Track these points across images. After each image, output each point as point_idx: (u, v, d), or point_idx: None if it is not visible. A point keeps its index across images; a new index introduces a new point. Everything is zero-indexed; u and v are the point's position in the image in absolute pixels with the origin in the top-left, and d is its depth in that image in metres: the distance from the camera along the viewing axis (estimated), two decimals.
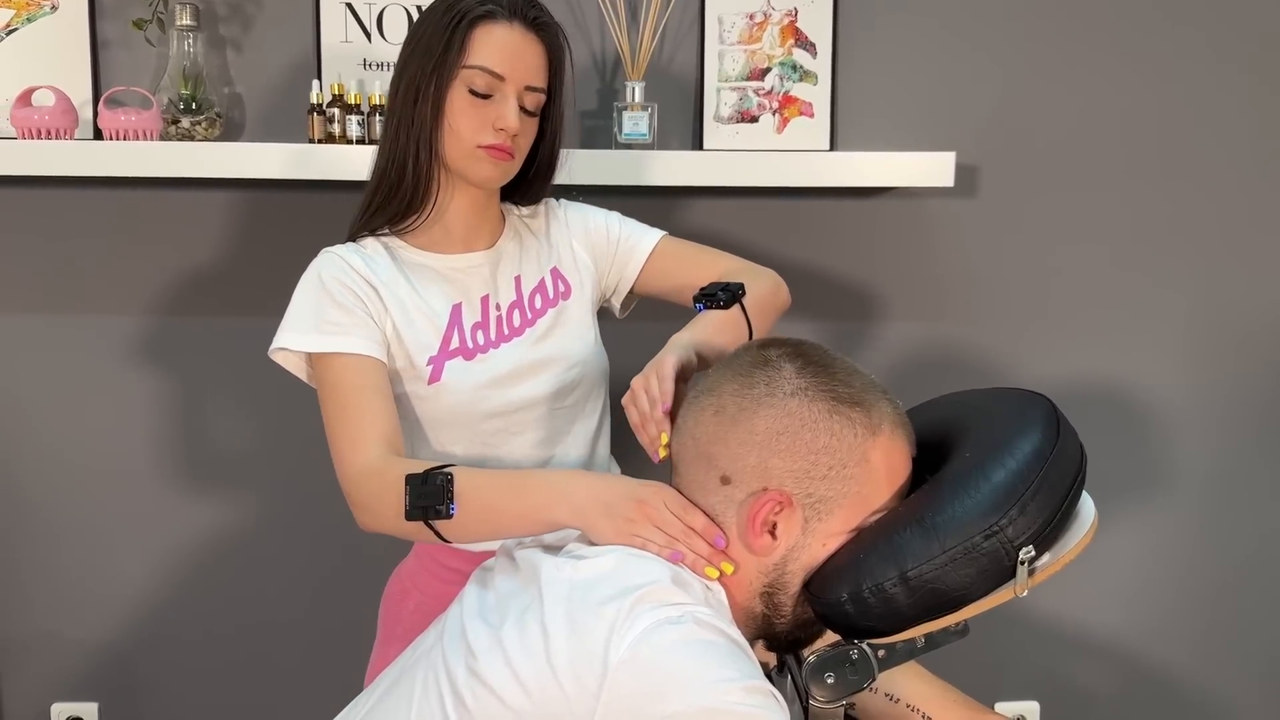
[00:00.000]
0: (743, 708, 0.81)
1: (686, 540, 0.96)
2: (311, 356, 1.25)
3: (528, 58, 1.25)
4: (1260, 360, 2.00)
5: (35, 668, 1.93)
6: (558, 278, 1.35)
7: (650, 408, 1.06)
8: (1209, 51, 1.91)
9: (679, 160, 1.73)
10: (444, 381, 1.25)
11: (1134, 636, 2.06)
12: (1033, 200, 1.92)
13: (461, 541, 1.18)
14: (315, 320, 1.23)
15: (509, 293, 1.32)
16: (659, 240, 1.40)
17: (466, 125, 1.24)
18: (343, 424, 1.20)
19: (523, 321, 1.31)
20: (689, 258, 1.39)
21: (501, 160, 1.26)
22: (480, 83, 1.23)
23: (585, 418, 1.34)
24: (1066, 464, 0.94)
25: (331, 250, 1.29)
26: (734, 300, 1.21)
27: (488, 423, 1.27)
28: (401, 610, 1.36)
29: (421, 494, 1.10)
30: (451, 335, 1.27)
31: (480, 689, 0.87)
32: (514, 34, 1.24)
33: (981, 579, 0.90)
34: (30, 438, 1.86)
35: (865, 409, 0.96)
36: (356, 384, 1.21)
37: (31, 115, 1.66)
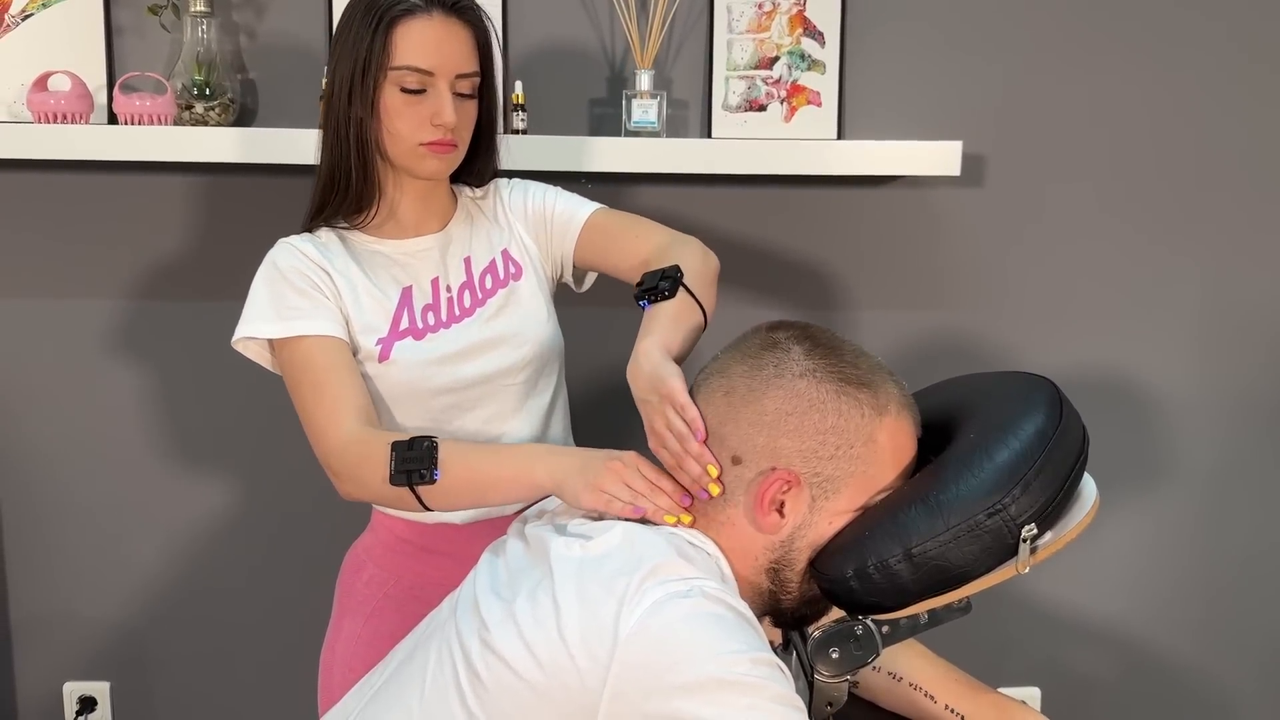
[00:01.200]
0: (749, 678, 0.83)
1: (651, 495, 1.00)
2: (275, 343, 1.27)
3: (454, 46, 1.25)
4: (1265, 352, 2.01)
5: (47, 648, 1.95)
6: (508, 259, 1.37)
7: (683, 443, 1.00)
8: (1218, 41, 1.91)
9: (687, 148, 1.74)
10: (393, 359, 1.27)
11: (1135, 624, 2.07)
12: (1039, 190, 1.93)
13: (443, 508, 1.22)
14: (277, 308, 1.26)
15: (459, 274, 1.34)
16: (590, 214, 1.38)
17: (404, 125, 1.25)
18: (318, 402, 1.23)
19: (473, 301, 1.33)
20: (618, 231, 1.36)
21: (445, 153, 1.28)
22: (411, 80, 1.23)
23: (537, 395, 1.36)
24: (1069, 445, 0.95)
25: (286, 240, 1.32)
26: (677, 287, 1.19)
27: (437, 399, 1.29)
28: (356, 583, 1.39)
29: (406, 459, 1.14)
30: (401, 317, 1.30)
31: (493, 660, 0.89)
32: (435, 24, 1.23)
33: (984, 556, 0.92)
34: (41, 420, 1.88)
35: (872, 390, 0.98)
36: (326, 363, 1.24)
37: (47, 100, 1.67)
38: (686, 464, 1.00)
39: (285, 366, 1.27)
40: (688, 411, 1.00)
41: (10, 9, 1.76)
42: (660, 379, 1.04)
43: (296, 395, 1.26)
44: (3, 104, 1.76)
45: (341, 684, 1.31)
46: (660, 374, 1.05)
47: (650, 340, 1.11)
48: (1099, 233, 1.95)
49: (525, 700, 0.87)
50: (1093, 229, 1.95)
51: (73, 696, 1.95)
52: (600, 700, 0.84)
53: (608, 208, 1.40)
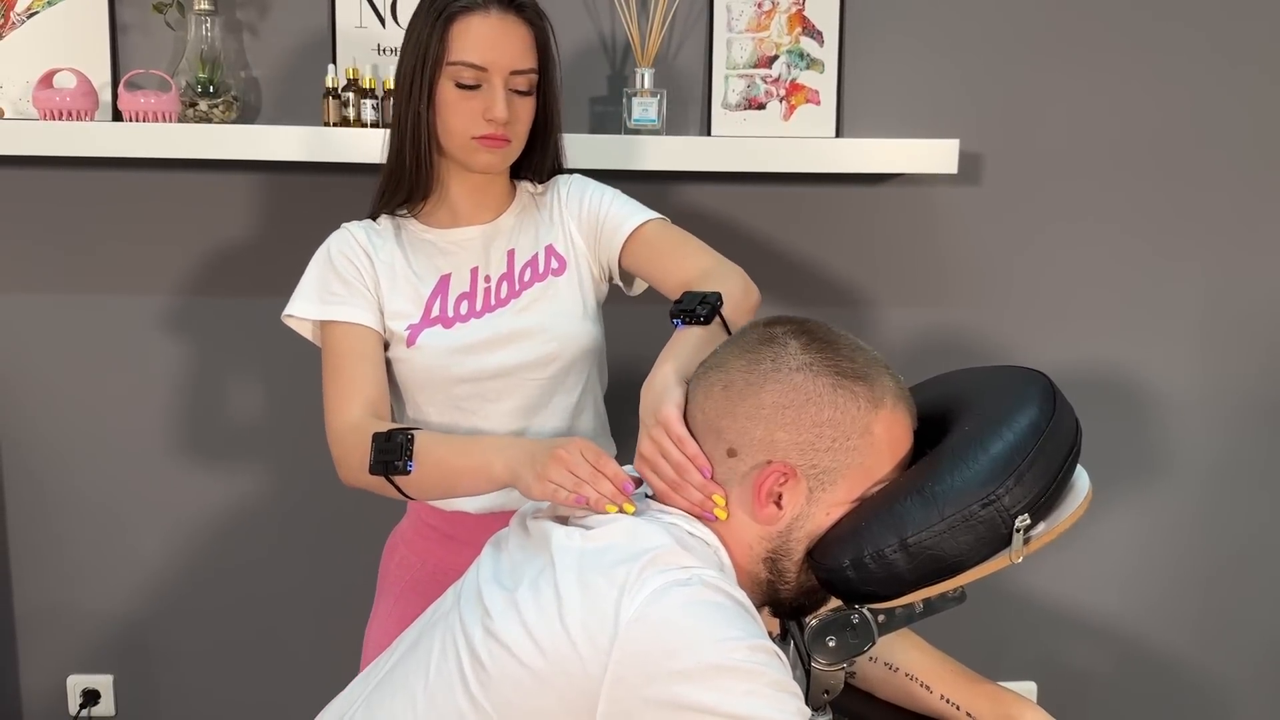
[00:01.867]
0: (748, 664, 0.85)
1: (593, 482, 1.01)
2: (316, 323, 1.34)
3: (510, 43, 1.27)
4: (1262, 349, 2.02)
5: (51, 640, 1.96)
6: (552, 254, 1.38)
7: (682, 474, 1.00)
8: (1214, 41, 1.92)
9: (687, 146, 1.76)
10: (419, 345, 1.32)
11: (1132, 619, 2.09)
12: (1036, 188, 1.94)
13: (420, 497, 1.27)
14: (320, 290, 1.33)
15: (500, 265, 1.36)
16: (642, 223, 1.37)
17: (457, 119, 1.28)
18: (334, 386, 1.30)
19: (509, 293, 1.35)
20: (665, 249, 1.36)
21: (498, 148, 1.30)
22: (466, 76, 1.27)
23: (565, 392, 1.37)
24: (1062, 437, 0.97)
25: (345, 226, 1.38)
26: (714, 314, 1.19)
27: (459, 387, 1.32)
28: (390, 565, 1.44)
29: (384, 450, 1.20)
30: (433, 304, 1.33)
31: (496, 648, 0.90)
32: (491, 22, 1.26)
33: (978, 546, 0.93)
34: (47, 414, 1.90)
35: (868, 383, 0.99)
36: (349, 350, 1.30)
37: (53, 97, 1.69)
38: (687, 493, 0.99)
39: (322, 346, 1.34)
40: (687, 446, 1.00)
41: (16, 7, 1.77)
42: (660, 405, 1.04)
43: (323, 376, 1.32)
44: (8, 101, 1.77)
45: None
46: (662, 399, 1.04)
47: (669, 366, 1.10)
48: (1096, 230, 1.96)
49: (527, 687, 0.88)
50: (1089, 226, 1.96)
51: (76, 689, 1.96)
52: (601, 686, 0.86)
53: (665, 220, 1.39)
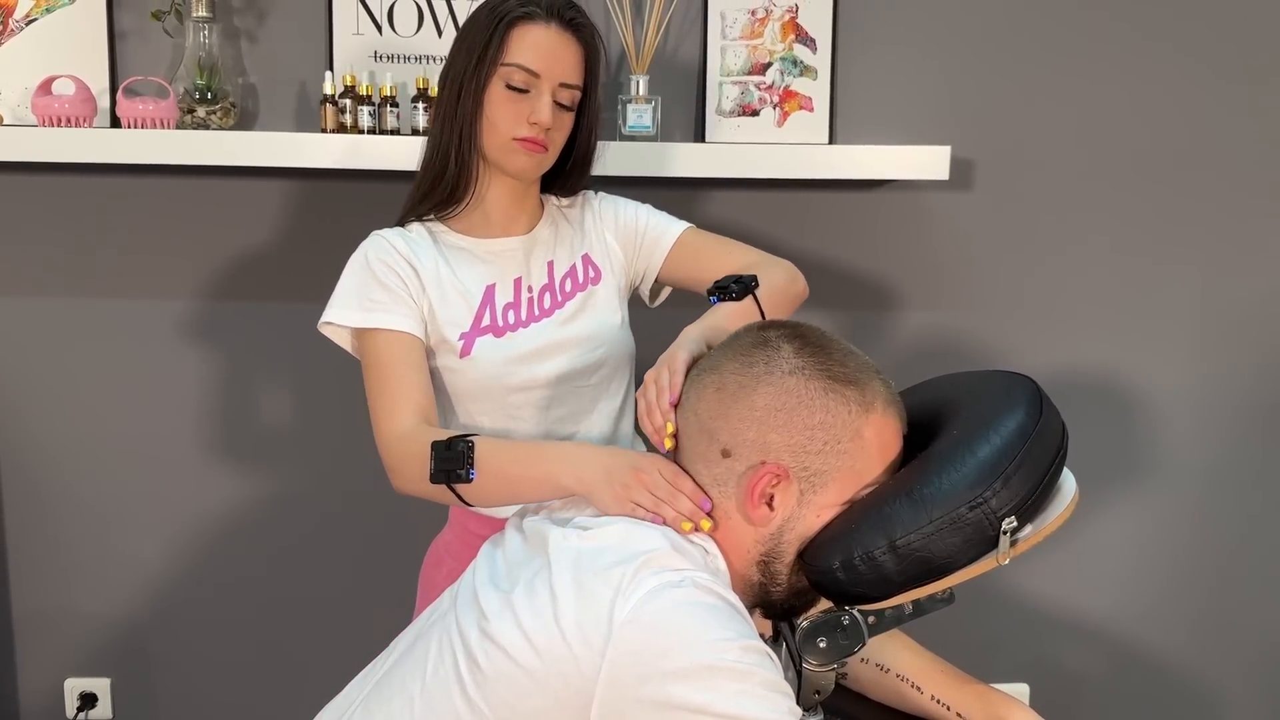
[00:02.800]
0: (740, 665, 0.86)
1: (671, 501, 1.02)
2: (356, 331, 1.33)
3: (563, 56, 1.31)
4: (1254, 352, 2.03)
5: (49, 644, 1.96)
6: (588, 264, 1.42)
7: (658, 397, 1.08)
8: (1204, 46, 1.94)
9: (682, 152, 1.77)
10: (474, 356, 1.32)
11: (1124, 621, 2.10)
12: (1027, 192, 1.96)
13: (480, 504, 1.25)
14: (360, 298, 1.32)
15: (541, 275, 1.39)
16: (683, 231, 1.45)
17: (503, 118, 1.31)
18: (381, 394, 1.29)
19: (553, 303, 1.38)
20: (710, 250, 1.44)
21: (535, 152, 1.33)
22: (517, 79, 1.30)
23: (609, 397, 1.41)
24: (1049, 440, 0.98)
25: (379, 233, 1.37)
26: (746, 292, 1.25)
27: (513, 396, 1.34)
28: (436, 577, 1.43)
29: (445, 459, 1.19)
30: (483, 313, 1.34)
31: (492, 649, 0.91)
32: (550, 33, 1.30)
33: (966, 548, 0.95)
34: (45, 418, 1.90)
35: (859, 387, 1.00)
36: (395, 358, 1.30)
37: (52, 103, 1.70)
38: (653, 415, 1.08)
39: (361, 354, 1.33)
40: (674, 376, 1.07)
41: (15, 14, 1.78)
42: (674, 348, 1.12)
43: (366, 385, 1.31)
44: (8, 107, 1.78)
45: None
46: (675, 347, 1.12)
47: (695, 327, 1.18)
48: (1086, 234, 1.98)
49: (523, 687, 0.89)
50: (1080, 231, 1.98)
51: (74, 693, 1.96)
52: (596, 686, 0.87)
53: (697, 227, 1.46)
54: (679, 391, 1.07)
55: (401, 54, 1.82)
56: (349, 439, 1.82)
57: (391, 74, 1.79)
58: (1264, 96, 1.96)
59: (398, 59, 1.83)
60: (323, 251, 1.64)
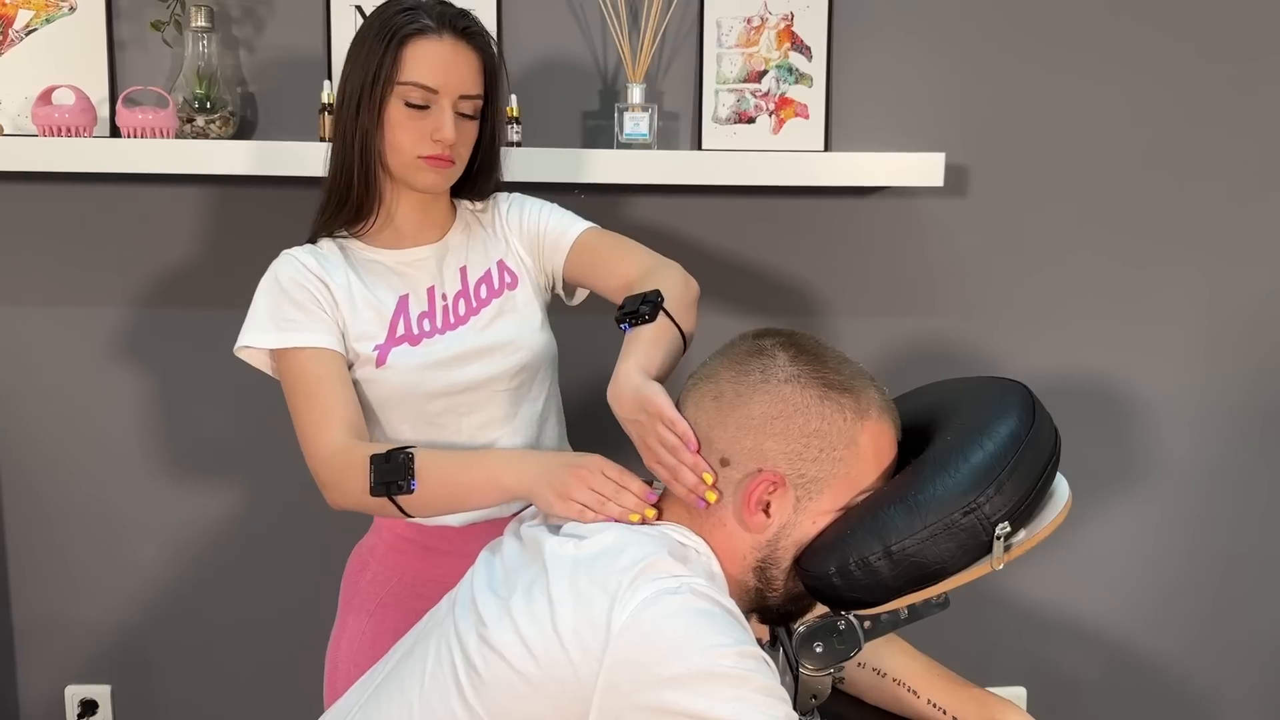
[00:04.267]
0: (736, 670, 0.87)
1: (617, 498, 1.03)
2: (274, 352, 1.32)
3: (460, 68, 1.29)
4: (1248, 356, 2.04)
5: (49, 651, 1.97)
6: (503, 269, 1.41)
7: (676, 454, 1.03)
8: (1198, 50, 1.95)
9: (678, 160, 1.78)
10: (390, 364, 1.32)
11: (1121, 624, 2.10)
12: (1020, 199, 1.97)
13: (422, 515, 1.26)
14: (275, 319, 1.30)
15: (455, 282, 1.38)
16: (581, 232, 1.41)
17: (405, 138, 1.30)
18: (309, 412, 1.28)
19: (468, 310, 1.37)
20: (605, 253, 1.40)
21: (442, 168, 1.32)
22: (415, 96, 1.28)
23: (530, 401, 1.40)
24: (1041, 446, 0.99)
25: (289, 252, 1.36)
26: (657, 310, 1.22)
27: (432, 403, 1.33)
28: (360, 581, 1.43)
29: (385, 471, 1.19)
30: (397, 324, 1.34)
31: (490, 655, 0.92)
32: (444, 46, 1.28)
33: (960, 553, 0.96)
34: (46, 425, 1.91)
35: (854, 395, 1.01)
36: (318, 374, 1.29)
37: (52, 113, 1.70)
38: (682, 475, 1.02)
39: (282, 375, 1.32)
40: (678, 426, 1.04)
41: (15, 24, 1.79)
42: (645, 398, 1.07)
43: (291, 404, 1.30)
44: (8, 117, 1.79)
45: (347, 679, 1.35)
46: (644, 393, 1.08)
47: (630, 362, 1.14)
48: (1080, 240, 1.99)
49: (521, 693, 0.90)
50: (1073, 237, 1.99)
51: (74, 699, 1.97)
52: (594, 692, 0.88)
53: (598, 228, 1.43)
54: (693, 435, 1.03)
55: None
56: None
57: None
58: (1258, 102, 1.97)
59: None
60: None
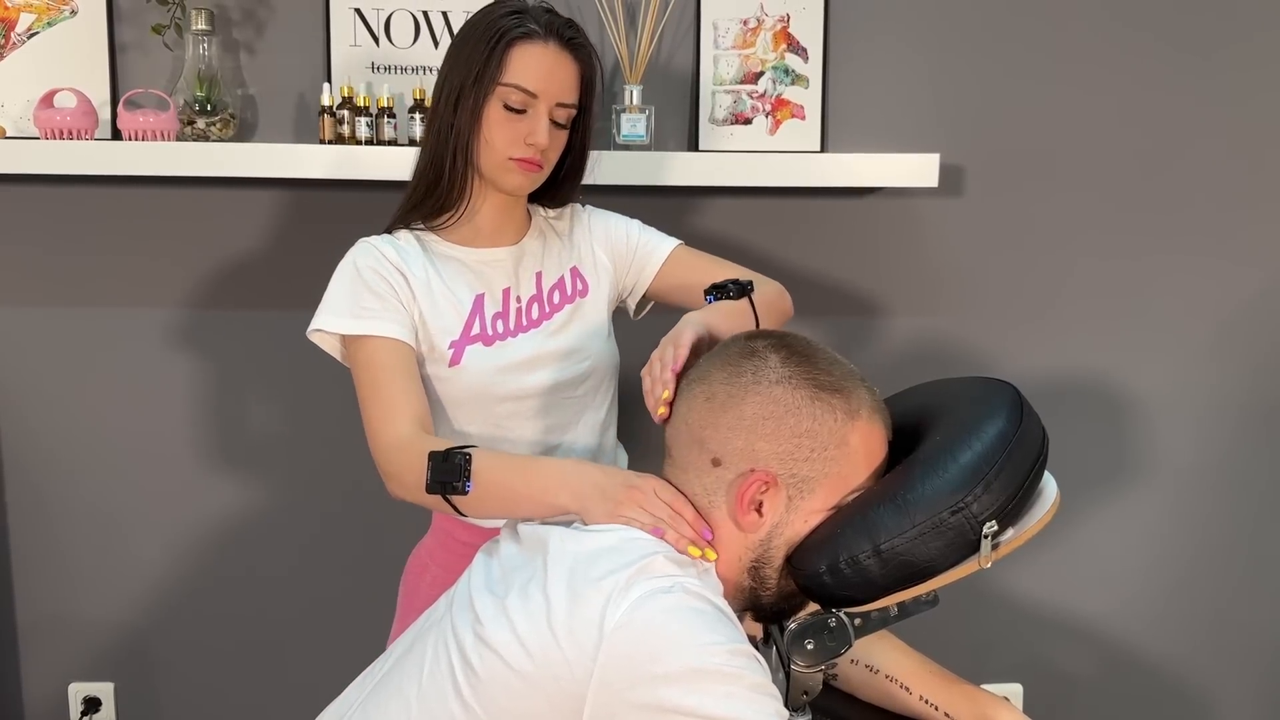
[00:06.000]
0: (727, 668, 0.88)
1: (672, 523, 1.03)
2: (346, 338, 1.33)
3: (561, 76, 1.32)
4: (1243, 355, 2.05)
5: (53, 649, 1.98)
6: (577, 276, 1.43)
7: (661, 371, 1.10)
8: (1194, 51, 1.96)
9: (675, 161, 1.79)
10: (463, 365, 1.34)
11: (1116, 621, 2.11)
12: (1016, 199, 1.98)
13: (475, 516, 1.25)
14: (351, 305, 1.32)
15: (529, 287, 1.40)
16: (674, 248, 1.48)
17: (500, 138, 1.32)
18: (376, 401, 1.28)
19: (540, 314, 1.39)
20: (701, 265, 1.47)
21: (531, 171, 1.34)
22: (515, 99, 1.31)
23: (594, 408, 1.42)
24: (1029, 446, 1.00)
25: (368, 240, 1.38)
26: (743, 293, 1.28)
27: (501, 405, 1.35)
28: (419, 584, 1.44)
29: (442, 470, 1.19)
30: (473, 322, 1.35)
31: (487, 652, 0.94)
32: (549, 53, 1.31)
33: (948, 551, 0.97)
34: (49, 424, 1.92)
35: (845, 396, 1.03)
36: (388, 364, 1.30)
37: (54, 116, 1.72)
38: (656, 388, 1.09)
39: (353, 362, 1.33)
40: (680, 350, 1.10)
41: (16, 27, 1.80)
42: (679, 327, 1.15)
43: (359, 391, 1.31)
44: (10, 120, 1.80)
45: None
46: (681, 327, 1.15)
47: (696, 314, 1.21)
48: (1075, 240, 2.00)
49: (517, 690, 0.92)
50: (1069, 237, 2.00)
51: (78, 697, 1.98)
52: (587, 690, 0.89)
53: (687, 245, 1.49)
54: (681, 363, 1.09)
55: (398, 65, 1.85)
56: (347, 444, 1.83)
57: (389, 85, 1.81)
58: (1255, 101, 1.98)
59: (395, 70, 1.85)
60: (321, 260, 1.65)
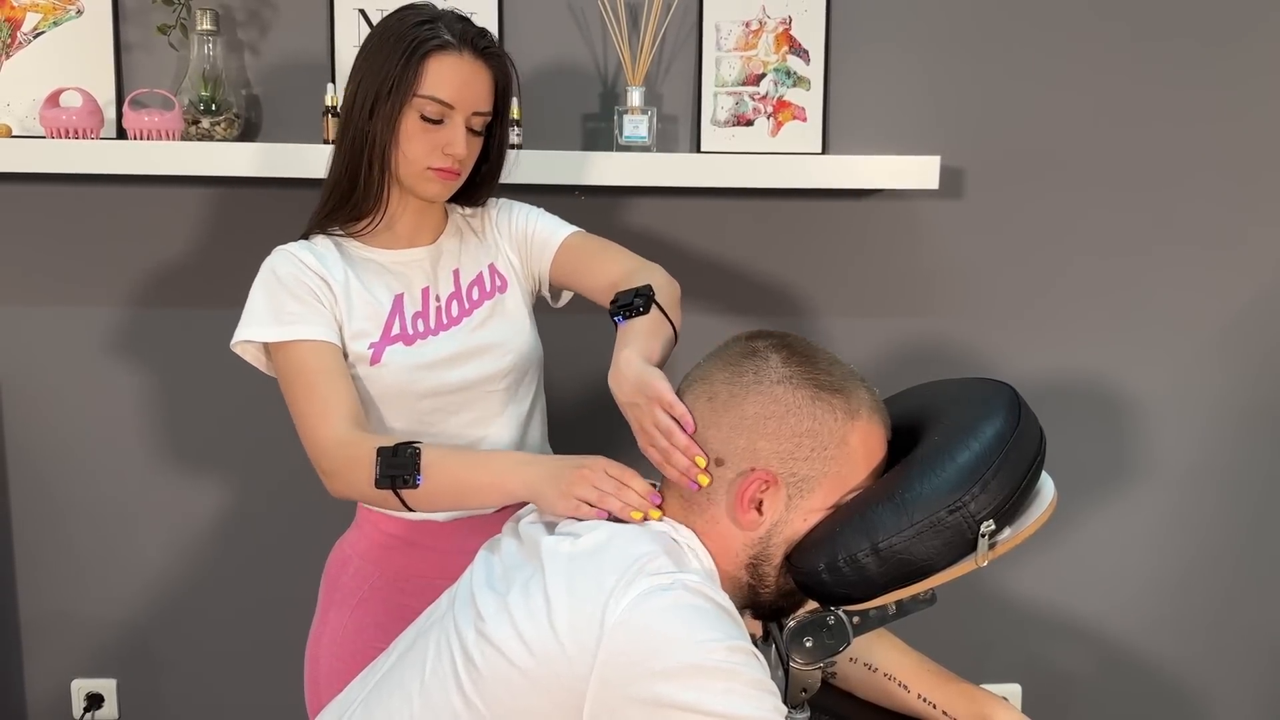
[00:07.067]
0: (726, 664, 0.89)
1: (618, 494, 1.05)
2: (271, 347, 1.34)
3: (476, 85, 1.32)
4: (1242, 356, 2.06)
5: (56, 645, 1.99)
6: (494, 273, 1.44)
7: (669, 437, 1.05)
8: (1193, 53, 1.97)
9: (677, 162, 1.80)
10: (384, 363, 1.34)
11: (1115, 621, 2.12)
12: (1015, 201, 1.99)
13: (425, 510, 1.28)
14: (274, 313, 1.32)
15: (448, 285, 1.41)
16: (567, 236, 1.45)
17: (417, 149, 1.32)
18: (310, 403, 1.29)
19: (460, 311, 1.40)
20: (591, 255, 1.44)
21: (448, 180, 1.35)
22: (432, 110, 1.31)
23: (517, 401, 1.43)
24: (1026, 446, 1.01)
25: (283, 248, 1.38)
26: (650, 304, 1.26)
27: (423, 402, 1.36)
28: (341, 577, 1.44)
29: (391, 465, 1.21)
30: (393, 323, 1.36)
31: (489, 649, 0.94)
32: (464, 64, 1.31)
33: (946, 550, 0.98)
34: (53, 422, 1.93)
35: (845, 396, 1.04)
36: (319, 367, 1.31)
37: (60, 115, 1.73)
38: (674, 458, 1.04)
39: (280, 369, 1.34)
40: (675, 408, 1.06)
41: (22, 27, 1.81)
42: (646, 382, 1.10)
43: (290, 397, 1.32)
44: (16, 119, 1.81)
45: (328, 673, 1.37)
46: (645, 378, 1.10)
47: (630, 350, 1.17)
48: (1075, 242, 2.01)
49: (518, 686, 0.92)
50: (1069, 238, 2.00)
51: (80, 693, 1.99)
52: (588, 686, 0.90)
53: (584, 231, 1.47)
54: (690, 417, 1.05)
55: None
56: None
57: None
58: (1253, 103, 1.99)
59: None
60: None
